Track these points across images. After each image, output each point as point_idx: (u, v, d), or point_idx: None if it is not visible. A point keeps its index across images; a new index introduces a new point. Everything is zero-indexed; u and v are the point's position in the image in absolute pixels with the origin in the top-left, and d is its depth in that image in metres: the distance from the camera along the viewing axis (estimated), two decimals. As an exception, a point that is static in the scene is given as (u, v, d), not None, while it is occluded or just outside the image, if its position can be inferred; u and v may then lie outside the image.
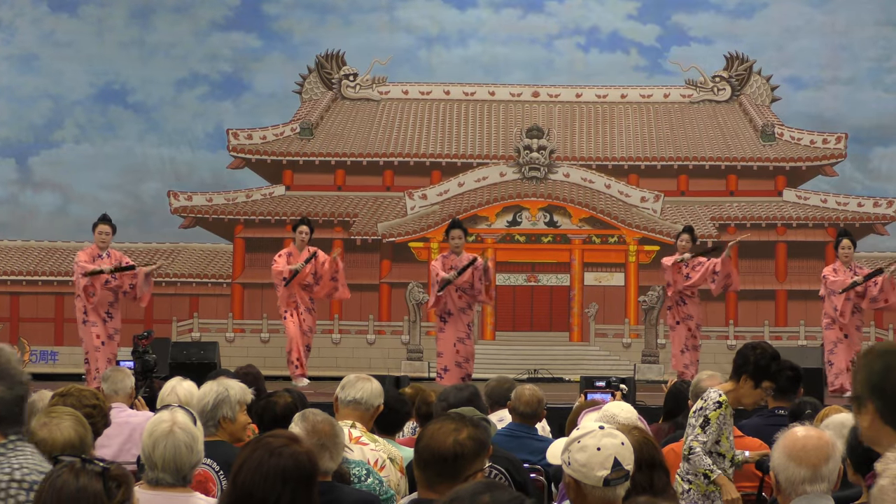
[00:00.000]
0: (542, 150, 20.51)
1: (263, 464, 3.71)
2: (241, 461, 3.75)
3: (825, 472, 4.15)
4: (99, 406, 5.80)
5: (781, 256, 20.45)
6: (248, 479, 3.70)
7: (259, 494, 3.68)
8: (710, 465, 6.19)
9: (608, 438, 3.98)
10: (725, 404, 6.29)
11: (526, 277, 20.47)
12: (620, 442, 3.98)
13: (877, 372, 3.58)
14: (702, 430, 6.24)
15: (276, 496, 3.69)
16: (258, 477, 3.70)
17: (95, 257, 13.65)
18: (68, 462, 3.41)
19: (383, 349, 19.88)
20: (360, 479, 5.26)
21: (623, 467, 3.94)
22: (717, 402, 6.28)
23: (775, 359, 6.35)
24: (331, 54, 21.06)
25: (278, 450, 3.74)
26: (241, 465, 3.74)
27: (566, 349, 20.08)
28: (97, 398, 5.89)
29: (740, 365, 6.37)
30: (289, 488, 3.70)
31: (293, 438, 3.90)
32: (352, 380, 6.18)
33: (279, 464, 3.72)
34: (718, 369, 8.20)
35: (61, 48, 20.71)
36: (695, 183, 20.77)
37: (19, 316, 20.04)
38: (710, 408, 6.27)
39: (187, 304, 20.44)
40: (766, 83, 20.98)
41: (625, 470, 3.95)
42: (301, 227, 14.28)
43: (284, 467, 3.71)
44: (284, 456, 3.73)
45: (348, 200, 20.66)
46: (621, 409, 5.38)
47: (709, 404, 6.29)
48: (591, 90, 21.11)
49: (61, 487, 3.32)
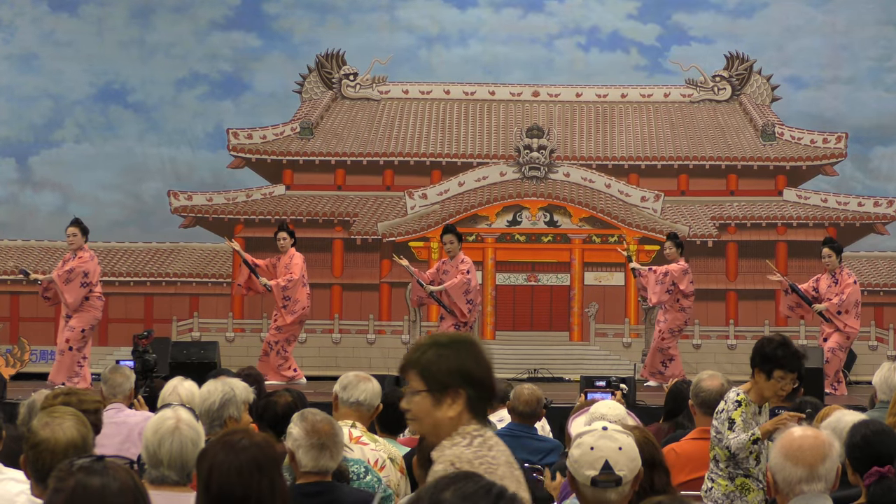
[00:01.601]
0: (542, 150, 20.52)
1: (234, 462, 3.74)
2: (208, 467, 3.76)
3: (822, 471, 4.16)
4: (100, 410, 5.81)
5: (782, 256, 20.45)
6: (224, 481, 3.72)
7: (239, 492, 3.71)
8: (749, 436, 6.12)
9: (605, 440, 3.99)
10: (745, 402, 6.26)
11: (526, 277, 20.48)
12: (618, 447, 3.97)
13: (470, 359, 3.61)
14: (731, 431, 6.22)
15: (257, 488, 3.71)
16: (233, 476, 3.72)
17: (65, 261, 13.98)
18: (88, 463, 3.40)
19: (383, 349, 19.88)
20: (359, 476, 5.28)
21: (614, 472, 3.93)
22: (737, 401, 6.26)
23: (783, 345, 6.28)
24: (331, 54, 21.06)
25: (241, 444, 3.78)
26: (211, 470, 3.75)
27: (566, 349, 20.09)
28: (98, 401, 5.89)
29: (751, 359, 6.35)
30: (266, 476, 3.74)
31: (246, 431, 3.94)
32: (353, 380, 6.18)
33: (249, 457, 3.75)
34: (719, 369, 8.21)
35: (61, 48, 20.70)
36: (695, 182, 20.78)
37: (19, 316, 20.05)
38: (731, 408, 6.25)
39: (187, 303, 20.45)
40: (766, 83, 20.99)
41: (616, 475, 3.94)
42: (280, 233, 14.48)
43: (255, 459, 3.75)
44: (251, 448, 3.77)
45: (348, 200, 20.67)
46: (609, 409, 5.39)
47: (729, 406, 6.28)
48: (591, 90, 21.11)
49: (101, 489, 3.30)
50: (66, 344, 13.91)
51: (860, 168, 20.65)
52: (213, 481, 3.71)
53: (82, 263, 13.97)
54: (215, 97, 20.84)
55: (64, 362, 13.89)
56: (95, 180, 20.50)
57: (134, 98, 20.78)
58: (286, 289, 14.58)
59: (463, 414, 3.58)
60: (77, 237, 14.01)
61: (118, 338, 19.20)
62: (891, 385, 7.23)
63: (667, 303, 14.75)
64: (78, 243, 14.01)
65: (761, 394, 6.30)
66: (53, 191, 20.54)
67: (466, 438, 3.52)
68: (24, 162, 20.60)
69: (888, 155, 20.61)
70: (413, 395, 3.62)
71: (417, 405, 3.61)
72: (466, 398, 3.58)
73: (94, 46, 20.70)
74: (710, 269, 20.04)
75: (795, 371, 6.27)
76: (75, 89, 20.67)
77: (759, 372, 6.28)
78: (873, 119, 20.51)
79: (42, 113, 20.67)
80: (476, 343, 3.70)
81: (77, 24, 20.76)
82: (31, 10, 20.77)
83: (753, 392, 6.30)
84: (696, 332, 19.67)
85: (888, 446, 4.98)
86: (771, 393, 6.30)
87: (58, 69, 20.62)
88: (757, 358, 6.30)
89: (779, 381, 6.24)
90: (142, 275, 20.48)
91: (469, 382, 3.60)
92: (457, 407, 3.57)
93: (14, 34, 20.78)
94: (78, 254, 14.01)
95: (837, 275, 14.29)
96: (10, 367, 18.64)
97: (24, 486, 4.58)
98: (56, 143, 20.64)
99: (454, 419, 3.57)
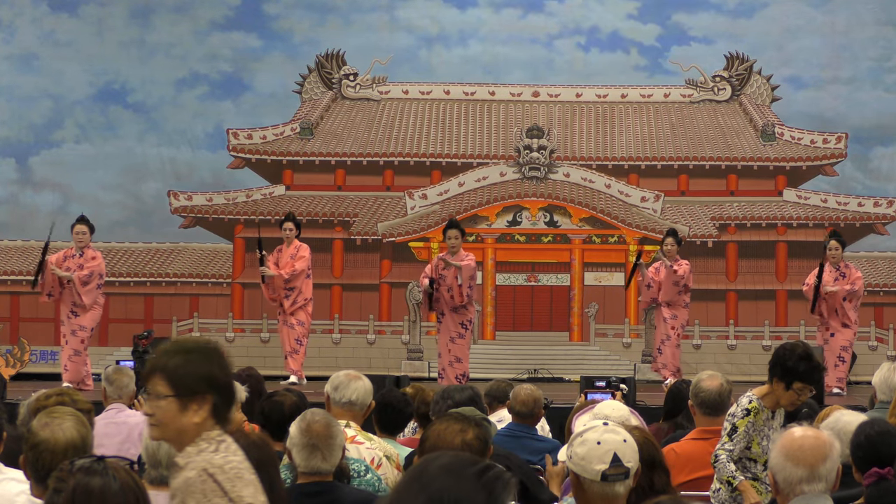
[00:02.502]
0: (542, 150, 20.52)
1: None
2: None
3: (822, 471, 4.16)
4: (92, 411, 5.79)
5: (782, 256, 20.45)
6: None
7: None
8: (733, 473, 6.14)
9: (610, 434, 4.00)
10: (755, 411, 6.23)
11: (526, 277, 20.48)
12: (622, 439, 4.00)
13: (216, 365, 3.62)
14: (728, 439, 6.21)
15: None
16: None
17: (69, 256, 13.86)
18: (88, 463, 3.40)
19: (383, 349, 19.88)
20: (360, 473, 5.29)
21: (623, 464, 3.95)
22: (746, 409, 6.24)
23: (804, 359, 6.24)
24: (331, 54, 21.06)
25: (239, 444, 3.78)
26: None
27: (566, 349, 20.08)
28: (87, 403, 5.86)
29: (771, 367, 6.32)
30: (264, 475, 3.75)
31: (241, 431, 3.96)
32: (343, 380, 6.20)
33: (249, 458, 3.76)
34: (718, 369, 8.20)
35: (61, 48, 20.71)
36: (695, 183, 20.78)
37: (19, 316, 20.05)
38: (738, 415, 6.24)
39: (187, 303, 20.45)
40: (766, 83, 20.99)
41: (624, 467, 3.96)
42: (286, 223, 14.41)
43: (253, 458, 3.76)
44: (249, 448, 3.78)
45: (348, 200, 20.67)
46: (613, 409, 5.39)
47: (737, 412, 6.26)
48: (591, 90, 21.11)
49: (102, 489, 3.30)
50: (81, 345, 13.96)
51: (860, 168, 20.65)
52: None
53: (98, 265, 14.01)
54: (215, 97, 20.84)
55: (80, 362, 13.96)
56: (95, 180, 20.50)
57: (134, 98, 20.78)
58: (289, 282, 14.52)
59: (207, 420, 3.57)
60: (86, 235, 14.01)
61: (118, 338, 19.19)
62: (891, 385, 7.23)
63: (677, 302, 14.76)
64: (86, 241, 14.00)
65: (777, 401, 6.28)
66: (53, 191, 20.54)
67: (212, 444, 3.52)
68: (25, 162, 20.60)
69: (888, 155, 20.60)
70: (158, 400, 3.57)
71: (162, 410, 3.57)
72: (212, 404, 3.58)
73: (95, 47, 20.70)
74: (710, 270, 20.04)
75: (815, 383, 6.27)
76: (75, 89, 20.67)
77: (777, 381, 6.24)
78: (873, 119, 20.51)
79: (42, 113, 20.67)
80: (220, 349, 3.71)
81: (77, 25, 20.77)
82: (32, 10, 20.77)
83: (769, 398, 6.27)
84: (695, 333, 19.67)
85: (891, 447, 4.97)
86: (787, 402, 6.28)
87: (58, 69, 20.62)
88: (777, 369, 6.25)
89: (797, 393, 6.22)
90: (142, 275, 20.48)
91: (215, 388, 3.60)
92: (202, 413, 3.56)
93: (14, 34, 20.78)
94: (86, 252, 13.98)
95: (843, 268, 14.28)
96: (10, 367, 18.65)
97: (24, 487, 4.58)
98: (56, 143, 20.65)
99: (199, 425, 3.56)
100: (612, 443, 3.95)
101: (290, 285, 14.49)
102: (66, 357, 14.08)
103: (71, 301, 13.99)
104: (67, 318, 14.03)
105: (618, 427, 4.05)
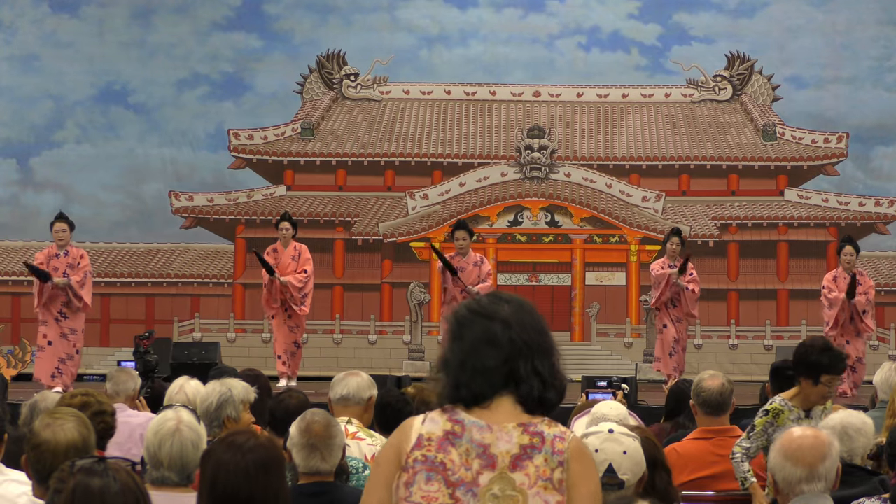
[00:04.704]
0: (543, 150, 20.52)
1: (241, 462, 3.75)
2: (213, 467, 3.77)
3: (822, 471, 4.16)
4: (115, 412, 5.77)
5: (783, 256, 20.45)
6: (230, 482, 3.73)
7: (245, 493, 3.72)
8: (745, 473, 6.13)
9: (610, 443, 3.97)
10: (775, 412, 6.21)
11: (527, 277, 20.48)
12: (623, 450, 3.96)
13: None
14: (747, 436, 6.22)
15: (263, 489, 3.73)
16: (240, 477, 3.74)
17: (52, 257, 13.50)
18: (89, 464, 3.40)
19: (385, 349, 19.89)
20: (358, 470, 5.30)
21: (617, 476, 3.92)
22: (766, 409, 6.24)
23: (826, 350, 6.19)
24: (332, 54, 21.07)
25: (248, 445, 3.79)
26: (217, 470, 3.76)
27: (567, 349, 20.08)
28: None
29: (795, 367, 6.28)
30: (273, 476, 3.76)
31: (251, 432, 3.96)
32: (339, 377, 6.25)
33: (256, 458, 3.76)
34: (720, 369, 8.19)
35: (62, 49, 20.72)
36: (696, 182, 20.78)
37: (20, 316, 20.06)
38: (759, 414, 6.24)
39: (188, 304, 20.46)
40: (767, 82, 20.99)
41: (618, 479, 3.92)
42: (282, 223, 14.27)
43: (262, 460, 3.76)
44: (257, 449, 3.78)
45: (349, 200, 20.67)
46: (611, 409, 5.38)
47: (760, 411, 6.27)
48: (592, 90, 21.12)
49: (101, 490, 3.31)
50: (73, 349, 13.68)
51: (861, 168, 20.66)
52: (218, 481, 3.71)
53: (86, 265, 13.80)
54: (216, 98, 20.85)
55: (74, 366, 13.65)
56: (96, 181, 20.51)
57: (135, 99, 20.79)
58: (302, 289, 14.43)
59: None
60: (66, 233, 13.66)
61: (119, 338, 19.20)
62: (891, 385, 7.22)
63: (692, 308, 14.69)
64: (67, 239, 13.70)
65: (808, 399, 6.24)
66: (54, 191, 20.55)
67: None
68: (26, 163, 20.61)
69: (889, 154, 20.61)
70: None
71: None
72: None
73: (95, 47, 20.71)
74: (711, 269, 20.03)
75: (842, 373, 6.23)
76: (76, 90, 20.68)
77: (804, 379, 6.21)
78: (874, 119, 20.51)
79: (43, 114, 20.68)
80: None
81: (78, 25, 20.78)
82: (33, 11, 20.78)
83: (798, 399, 6.24)
84: (697, 332, 19.66)
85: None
86: (817, 398, 6.22)
87: (59, 70, 20.63)
88: (801, 367, 6.21)
89: (826, 386, 6.18)
90: (143, 275, 20.49)
91: None
92: None
93: (15, 35, 20.79)
94: (71, 251, 13.75)
95: (858, 276, 14.17)
96: (11, 368, 18.65)
97: (26, 488, 4.58)
98: (57, 143, 20.66)
99: None
100: (611, 453, 3.93)
101: (304, 291, 14.41)
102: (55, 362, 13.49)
103: (60, 302, 13.58)
104: (56, 321, 13.53)
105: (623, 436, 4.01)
